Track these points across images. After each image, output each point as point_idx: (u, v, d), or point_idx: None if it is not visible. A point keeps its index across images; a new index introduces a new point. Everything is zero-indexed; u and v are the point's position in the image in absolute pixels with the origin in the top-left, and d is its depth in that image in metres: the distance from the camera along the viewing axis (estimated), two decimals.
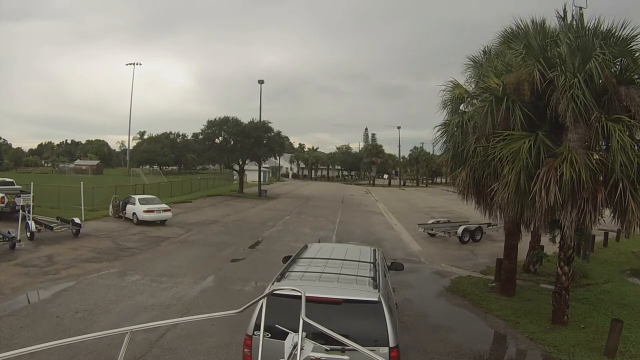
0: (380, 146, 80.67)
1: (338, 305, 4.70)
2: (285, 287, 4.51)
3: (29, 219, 15.76)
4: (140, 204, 21.06)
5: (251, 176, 51.25)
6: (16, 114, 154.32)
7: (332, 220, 26.29)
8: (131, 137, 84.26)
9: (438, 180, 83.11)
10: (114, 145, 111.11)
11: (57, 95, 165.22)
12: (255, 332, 4.70)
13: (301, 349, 2.61)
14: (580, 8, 9.05)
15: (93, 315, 8.79)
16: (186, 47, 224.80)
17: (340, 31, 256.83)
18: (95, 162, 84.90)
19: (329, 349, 3.88)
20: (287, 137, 51.06)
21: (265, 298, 3.15)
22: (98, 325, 8.18)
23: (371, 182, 77.97)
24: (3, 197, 19.06)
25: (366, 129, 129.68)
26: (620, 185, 7.31)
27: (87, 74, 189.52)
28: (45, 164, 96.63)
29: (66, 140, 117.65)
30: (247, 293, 10.56)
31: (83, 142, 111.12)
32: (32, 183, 18.98)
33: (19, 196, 19.20)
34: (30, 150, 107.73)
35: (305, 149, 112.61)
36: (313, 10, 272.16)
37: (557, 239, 10.81)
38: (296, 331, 2.70)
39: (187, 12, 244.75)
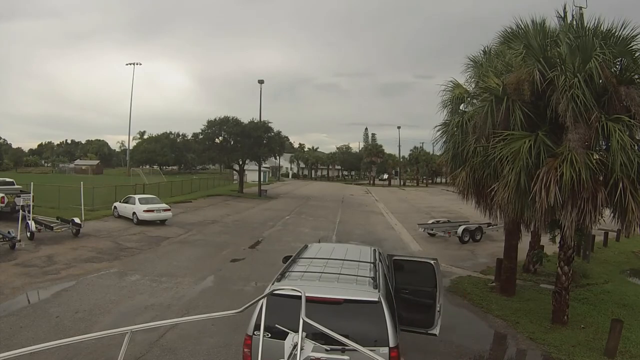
0: (380, 146, 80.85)
1: (338, 305, 4.69)
2: (285, 287, 4.50)
3: (29, 219, 15.76)
4: (140, 203, 21.05)
5: (251, 176, 51.25)
6: (16, 114, 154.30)
7: (332, 220, 26.29)
8: (131, 137, 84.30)
9: (438, 180, 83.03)
10: (114, 145, 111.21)
11: (57, 96, 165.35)
12: (255, 332, 4.70)
13: (301, 349, 2.61)
14: (580, 8, 9.06)
15: (93, 315, 8.79)
16: (186, 47, 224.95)
17: (340, 30, 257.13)
18: (95, 162, 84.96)
19: (329, 349, 3.88)
20: (287, 137, 51.19)
21: (265, 298, 3.16)
22: (98, 325, 8.18)
23: (371, 182, 77.98)
24: (3, 197, 19.05)
25: (366, 128, 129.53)
26: (620, 185, 7.32)
27: (87, 74, 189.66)
28: (45, 164, 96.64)
29: (66, 140, 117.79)
30: (247, 293, 10.55)
31: (83, 142, 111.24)
32: (32, 183, 18.94)
33: (19, 196, 19.18)
34: (30, 150, 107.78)
35: (305, 149, 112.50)
36: (313, 9, 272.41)
37: (557, 239, 10.80)
38: (296, 331, 2.70)
39: (188, 12, 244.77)
